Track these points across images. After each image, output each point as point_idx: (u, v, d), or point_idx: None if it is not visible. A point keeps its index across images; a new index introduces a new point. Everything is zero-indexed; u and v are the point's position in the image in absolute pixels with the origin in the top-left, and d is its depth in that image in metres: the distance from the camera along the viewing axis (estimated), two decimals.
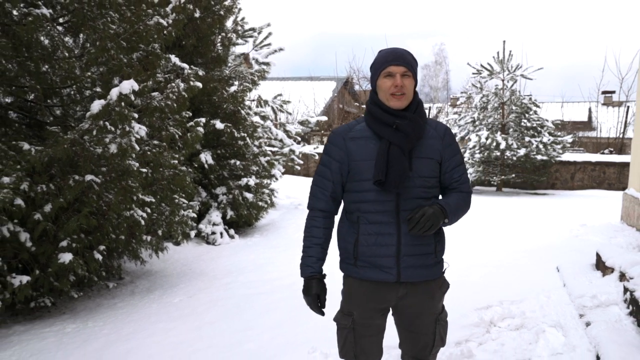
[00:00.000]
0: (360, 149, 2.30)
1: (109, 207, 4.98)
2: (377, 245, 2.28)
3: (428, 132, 2.32)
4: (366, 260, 2.31)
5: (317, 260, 2.38)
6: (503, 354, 3.78)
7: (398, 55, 2.26)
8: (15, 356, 3.90)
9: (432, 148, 2.31)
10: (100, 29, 5.08)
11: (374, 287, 2.34)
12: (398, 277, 2.28)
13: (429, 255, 2.31)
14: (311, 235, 2.40)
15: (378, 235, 2.28)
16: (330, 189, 2.38)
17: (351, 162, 2.31)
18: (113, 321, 4.68)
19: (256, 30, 11.08)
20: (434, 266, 2.35)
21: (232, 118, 8.57)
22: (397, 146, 2.23)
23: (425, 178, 2.28)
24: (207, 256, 7.25)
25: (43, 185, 4.55)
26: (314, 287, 2.35)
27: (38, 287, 4.75)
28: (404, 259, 2.27)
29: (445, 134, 2.35)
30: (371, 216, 2.29)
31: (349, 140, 2.32)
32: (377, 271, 2.30)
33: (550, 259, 6.37)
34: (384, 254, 2.28)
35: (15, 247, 4.46)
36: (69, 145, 4.51)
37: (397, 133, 2.24)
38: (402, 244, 2.26)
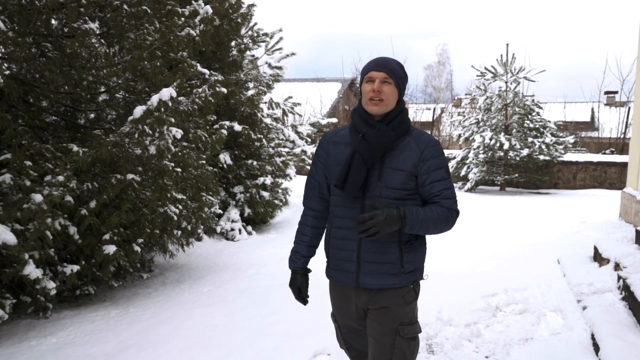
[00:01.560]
0: (337, 154, 2.37)
1: (145, 203, 5.44)
2: (342, 250, 2.36)
3: (407, 144, 2.30)
4: (334, 262, 2.41)
5: (301, 257, 2.53)
6: (508, 334, 4.22)
7: (380, 62, 2.29)
8: (72, 336, 4.36)
9: (406, 160, 2.27)
10: (136, 40, 5.53)
11: (341, 290, 2.45)
12: (357, 282, 2.33)
13: (391, 264, 2.30)
14: (301, 232, 2.55)
15: (343, 240, 2.35)
16: (317, 189, 2.48)
17: (329, 166, 2.39)
18: (151, 308, 5.13)
19: (268, 35, 11.53)
20: (399, 275, 2.32)
21: (248, 120, 9.03)
22: (360, 155, 2.26)
23: (394, 189, 2.26)
24: (227, 251, 7.70)
25: (88, 184, 5.00)
26: (297, 281, 2.54)
27: (82, 277, 5.20)
28: (364, 265, 2.31)
29: (426, 148, 2.29)
30: (338, 220, 2.37)
31: (331, 145, 2.41)
32: (340, 274, 2.39)
33: (552, 253, 6.81)
34: (346, 258, 2.35)
35: (64, 239, 4.91)
36: (112, 147, 4.97)
37: (363, 142, 2.26)
38: (363, 250, 2.30)
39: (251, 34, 9.94)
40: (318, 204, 2.50)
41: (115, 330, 4.51)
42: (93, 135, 5.25)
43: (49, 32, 5.20)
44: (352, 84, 29.87)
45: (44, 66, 4.83)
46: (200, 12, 5.90)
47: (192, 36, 5.82)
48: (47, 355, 3.98)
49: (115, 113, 6.22)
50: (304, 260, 2.54)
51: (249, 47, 9.76)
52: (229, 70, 9.42)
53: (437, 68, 43.83)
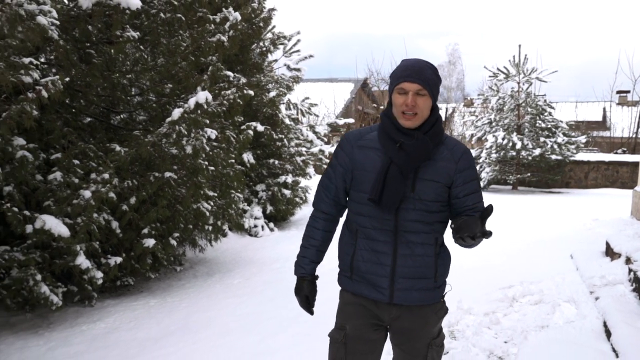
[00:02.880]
0: (365, 160, 2.20)
1: (179, 200, 5.77)
2: (372, 263, 2.20)
3: (441, 154, 2.18)
4: (361, 276, 2.24)
5: (310, 262, 2.35)
6: (525, 322, 4.50)
7: (414, 71, 2.10)
8: (118, 322, 4.70)
9: (442, 171, 2.16)
10: (169, 45, 5.87)
11: (367, 304, 2.26)
12: (391, 298, 2.19)
13: (427, 279, 2.20)
14: (310, 236, 2.37)
15: (374, 252, 2.19)
16: (332, 192, 2.32)
17: (355, 171, 2.22)
18: (187, 298, 5.46)
19: (287, 37, 11.86)
20: (432, 290, 2.22)
21: (270, 121, 9.35)
22: (397, 166, 2.12)
23: (428, 202, 2.14)
24: (252, 246, 8.03)
25: (129, 181, 5.34)
26: (304, 288, 2.35)
27: (122, 268, 5.54)
28: (399, 281, 2.17)
29: (461, 158, 2.18)
30: (368, 231, 2.21)
31: (357, 148, 2.23)
32: (370, 288, 2.22)
33: (565, 248, 7.07)
34: (378, 273, 2.19)
35: (107, 233, 5.25)
36: (150, 147, 5.30)
37: (400, 152, 2.12)
38: (398, 265, 2.17)
39: (272, 37, 10.27)
40: (331, 208, 2.34)
41: (156, 318, 4.85)
42: (132, 135, 5.59)
43: (90, 39, 5.54)
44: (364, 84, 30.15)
45: (88, 71, 5.17)
46: (230, 18, 6.22)
47: (221, 41, 6.15)
48: (99, 338, 4.32)
49: (147, 114, 6.56)
50: (312, 267, 2.36)
51: (270, 51, 10.08)
52: (251, 73, 9.74)
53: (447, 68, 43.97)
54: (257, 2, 9.29)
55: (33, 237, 4.55)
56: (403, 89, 2.10)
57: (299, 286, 2.37)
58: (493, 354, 3.91)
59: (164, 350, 4.11)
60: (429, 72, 2.12)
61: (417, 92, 2.08)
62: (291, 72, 11.45)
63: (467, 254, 6.75)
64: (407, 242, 2.16)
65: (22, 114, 3.64)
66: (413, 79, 2.08)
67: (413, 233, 2.16)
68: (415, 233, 2.16)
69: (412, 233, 2.16)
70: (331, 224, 2.37)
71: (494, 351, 3.94)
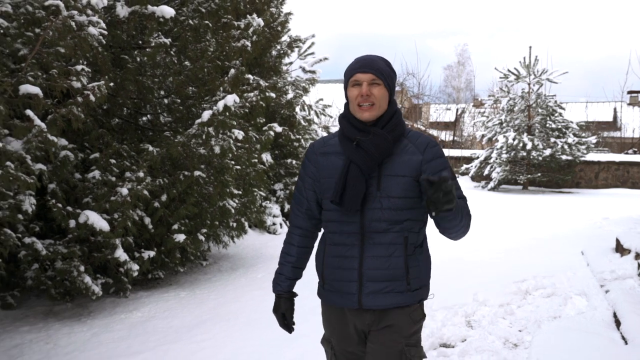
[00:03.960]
0: (328, 165, 2.15)
1: (206, 198, 6.06)
2: (340, 269, 2.13)
3: (405, 147, 2.10)
4: (331, 284, 2.17)
5: (286, 279, 2.31)
6: (538, 313, 4.75)
7: (366, 62, 2.08)
8: (153, 311, 5.00)
9: (407, 164, 2.06)
10: (195, 50, 6.16)
11: (340, 313, 2.20)
12: (359, 303, 2.10)
13: (398, 281, 2.09)
14: (286, 252, 2.32)
15: (341, 258, 2.12)
16: (305, 206, 2.26)
17: (320, 179, 2.17)
18: (215, 290, 5.75)
19: (301, 40, 12.15)
20: (405, 293, 2.10)
21: (287, 122, 9.64)
22: (356, 165, 2.05)
23: (395, 199, 2.04)
24: (271, 243, 8.31)
25: (160, 179, 5.64)
26: (281, 306, 2.31)
27: (153, 262, 5.83)
28: (367, 285, 2.09)
29: (426, 149, 2.09)
30: (335, 237, 2.14)
31: (320, 156, 2.19)
32: (339, 296, 2.14)
33: (576, 245, 7.30)
34: (345, 278, 2.11)
35: (140, 228, 5.55)
36: (180, 147, 5.60)
37: (358, 150, 2.05)
38: (365, 268, 2.08)
39: (288, 41, 10.55)
40: (306, 222, 2.28)
41: (188, 308, 5.14)
42: (162, 136, 5.89)
43: (122, 44, 5.85)
44: None
45: (122, 76, 5.48)
46: (254, 24, 6.51)
47: (245, 46, 6.43)
48: (137, 326, 4.62)
49: (172, 116, 6.86)
50: (289, 284, 2.32)
51: (287, 54, 10.37)
52: (268, 75, 10.03)
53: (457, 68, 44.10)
54: (276, 7, 9.59)
55: (74, 231, 4.86)
56: (357, 80, 2.07)
57: (276, 304, 2.32)
58: (508, 341, 4.16)
59: (199, 337, 4.40)
60: (381, 62, 2.10)
61: (372, 81, 2.06)
62: (306, 74, 11.73)
63: (481, 251, 7.04)
64: (374, 243, 2.07)
65: (71, 116, 3.93)
66: (365, 69, 2.06)
67: (380, 233, 2.06)
68: (382, 233, 2.06)
69: (379, 233, 2.06)
70: (307, 239, 2.30)
71: (509, 339, 4.19)
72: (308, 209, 2.25)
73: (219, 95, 6.59)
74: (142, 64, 5.87)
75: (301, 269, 2.34)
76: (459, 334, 4.26)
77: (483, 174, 17.38)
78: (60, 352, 4.08)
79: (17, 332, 4.40)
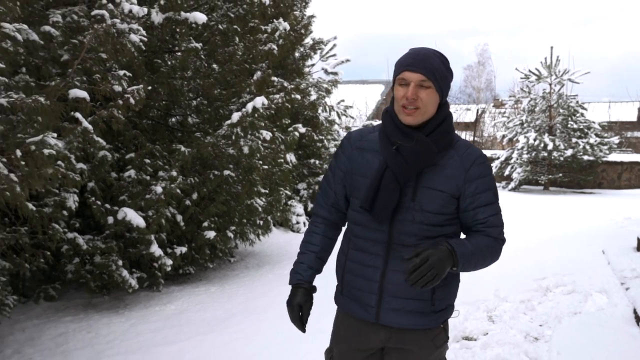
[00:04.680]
0: (362, 163, 1.97)
1: (234, 196, 6.27)
2: (361, 277, 1.97)
3: (450, 159, 1.90)
4: (350, 291, 2.02)
5: (307, 268, 2.10)
6: (559, 309, 4.88)
7: (418, 59, 1.84)
8: (185, 305, 5.23)
9: (448, 179, 1.88)
10: (224, 54, 6.39)
11: (354, 323, 2.04)
12: (377, 317, 1.95)
13: (422, 301, 1.92)
14: (308, 241, 2.13)
15: (363, 266, 1.97)
16: (331, 199, 2.08)
17: (353, 175, 1.99)
18: (244, 285, 5.97)
19: (323, 42, 12.35)
20: (428, 315, 1.94)
21: (310, 123, 9.84)
22: (392, 172, 1.88)
23: (430, 213, 1.87)
24: (295, 241, 8.50)
25: (191, 178, 5.87)
26: (298, 296, 2.06)
27: (183, 258, 6.06)
28: (388, 300, 1.93)
29: (472, 165, 1.89)
30: (359, 242, 1.98)
31: (356, 150, 2.00)
32: (357, 306, 1.99)
33: (597, 244, 7.38)
34: (365, 289, 1.96)
35: (172, 225, 5.79)
36: (211, 147, 5.82)
37: (397, 156, 1.86)
38: (387, 282, 1.92)
39: (311, 43, 10.76)
40: (332, 214, 2.11)
41: (219, 302, 5.36)
42: (193, 136, 6.12)
43: (155, 49, 6.10)
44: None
45: (156, 79, 5.72)
46: (280, 28, 6.72)
47: (272, 50, 6.64)
48: (172, 318, 4.85)
49: (200, 117, 7.09)
50: (310, 273, 2.10)
51: (310, 56, 10.57)
52: (291, 77, 10.25)
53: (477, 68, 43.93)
54: (299, 10, 9.79)
55: (111, 227, 5.11)
56: (404, 79, 1.84)
57: (292, 295, 2.09)
58: (529, 335, 4.30)
59: (231, 329, 4.61)
60: (435, 61, 1.85)
61: (420, 83, 1.82)
62: (328, 75, 11.93)
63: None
64: (401, 257, 1.88)
65: (112, 118, 4.16)
66: (415, 68, 1.82)
67: (409, 247, 1.88)
68: (411, 247, 1.87)
69: (408, 247, 1.88)
70: (332, 229, 2.13)
71: (530, 332, 4.33)
72: (335, 202, 2.08)
73: (245, 97, 6.82)
74: (173, 67, 6.11)
75: (323, 261, 2.14)
76: (481, 328, 4.41)
77: (504, 174, 17.39)
78: (101, 340, 4.32)
79: (60, 322, 4.65)
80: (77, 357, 3.98)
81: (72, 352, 4.07)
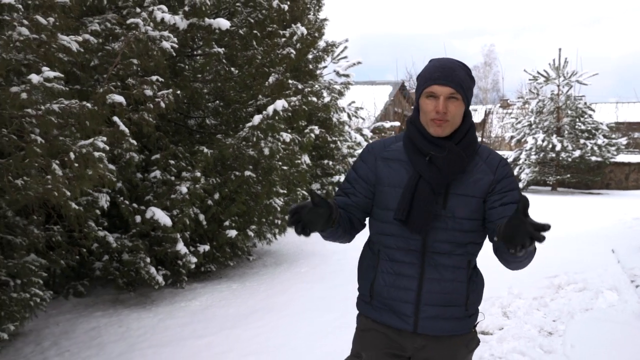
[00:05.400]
0: (390, 173, 1.97)
1: (253, 196, 6.46)
2: (395, 287, 1.97)
3: (476, 165, 1.95)
4: (382, 302, 2.01)
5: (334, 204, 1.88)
6: (570, 305, 5.04)
7: (446, 72, 1.86)
8: (209, 301, 5.42)
9: (477, 184, 1.92)
10: (245, 58, 6.58)
11: (387, 332, 2.03)
12: (415, 327, 1.96)
13: (457, 307, 1.96)
14: None
15: (397, 276, 1.97)
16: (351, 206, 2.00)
17: (378, 186, 1.99)
18: (264, 283, 6.16)
19: (335, 44, 12.53)
20: (462, 320, 1.98)
21: (323, 124, 10.02)
22: (427, 182, 1.90)
23: (461, 220, 1.91)
24: (311, 240, 8.58)
25: (213, 179, 6.06)
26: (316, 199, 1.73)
27: (205, 256, 6.26)
28: (425, 308, 1.95)
29: (498, 167, 1.95)
30: (392, 253, 1.98)
31: (381, 161, 2.00)
32: (392, 316, 1.99)
33: (606, 244, 7.54)
34: (402, 299, 1.96)
35: (195, 224, 5.98)
36: (232, 149, 6.02)
37: (430, 166, 1.89)
38: (424, 291, 1.94)
39: (324, 45, 10.94)
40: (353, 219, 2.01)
41: (241, 298, 5.55)
42: (214, 138, 6.32)
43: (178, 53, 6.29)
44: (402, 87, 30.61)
45: (179, 82, 5.92)
46: (298, 33, 6.91)
47: (290, 54, 6.83)
48: (197, 313, 5.04)
49: (218, 119, 7.29)
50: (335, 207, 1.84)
51: (323, 58, 10.77)
52: (304, 79, 10.44)
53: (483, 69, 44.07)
54: (313, 14, 9.99)
55: (138, 226, 5.31)
56: (433, 92, 1.87)
57: None
58: (543, 329, 4.47)
59: (254, 324, 4.80)
60: (462, 73, 1.90)
61: (450, 96, 1.86)
62: (340, 77, 12.12)
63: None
64: (436, 264, 1.94)
65: (143, 121, 4.36)
66: (445, 82, 1.85)
67: (443, 255, 1.93)
68: (445, 255, 1.93)
69: (442, 255, 1.93)
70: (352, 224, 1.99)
71: (544, 327, 4.50)
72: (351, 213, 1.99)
73: (261, 99, 7.02)
74: (195, 70, 6.31)
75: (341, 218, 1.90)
76: (497, 323, 4.59)
77: None
78: (132, 334, 4.51)
79: (91, 317, 4.86)
80: (112, 350, 4.17)
81: (107, 345, 4.27)
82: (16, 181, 2.92)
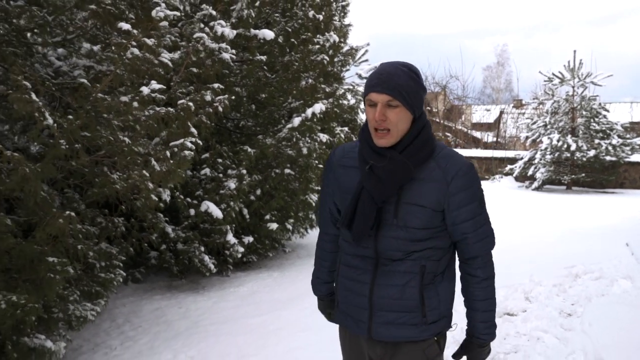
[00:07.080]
0: (346, 180, 1.97)
1: (291, 192, 6.98)
2: (351, 293, 1.99)
3: (431, 172, 1.86)
4: (344, 306, 2.04)
5: (324, 283, 2.24)
6: (588, 291, 5.50)
7: (383, 79, 1.79)
8: (255, 287, 5.95)
9: (429, 193, 1.85)
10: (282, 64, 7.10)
11: (352, 338, 2.08)
12: (369, 332, 1.96)
13: (412, 313, 1.92)
14: (320, 257, 2.25)
15: (352, 281, 1.98)
16: (328, 215, 2.15)
17: (339, 192, 2.02)
18: (302, 272, 6.66)
19: (356, 48, 13.03)
20: (419, 326, 1.93)
21: (348, 125, 10.52)
22: (367, 191, 1.87)
23: (413, 229, 1.86)
24: None
25: (256, 176, 6.58)
26: (325, 307, 2.29)
27: (247, 248, 6.78)
28: (378, 314, 1.93)
29: (454, 178, 1.85)
30: (348, 258, 2.00)
31: (340, 168, 2.01)
32: (350, 321, 2.02)
33: (621, 238, 7.96)
34: (356, 303, 1.98)
35: (239, 218, 6.51)
36: (273, 148, 6.54)
37: (371, 176, 1.85)
38: (375, 296, 1.93)
39: (348, 50, 11.45)
40: (333, 229, 2.15)
41: (283, 285, 6.07)
42: (254, 139, 6.85)
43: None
44: None
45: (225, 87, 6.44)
46: (331, 40, 7.42)
47: (323, 60, 7.34)
48: (247, 298, 5.57)
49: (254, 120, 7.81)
50: (327, 287, 2.24)
51: (349, 63, 11.27)
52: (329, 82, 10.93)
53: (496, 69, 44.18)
54: (338, 19, 10.49)
55: (191, 219, 5.84)
56: (371, 100, 1.82)
57: (319, 305, 2.33)
58: (563, 311, 4.94)
59: (300, 306, 5.30)
60: (402, 78, 1.81)
61: (387, 103, 1.79)
62: (362, 80, 12.61)
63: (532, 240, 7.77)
64: (388, 271, 1.91)
65: (201, 123, 4.88)
66: (380, 89, 1.79)
67: (395, 261, 1.91)
68: (398, 261, 1.90)
69: (394, 261, 1.91)
70: (337, 243, 2.14)
71: (564, 310, 4.97)
72: (332, 217, 2.14)
73: (293, 102, 7.53)
74: (240, 76, 6.84)
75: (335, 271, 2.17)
76: (520, 306, 5.06)
77: (527, 174, 17.88)
78: (192, 314, 5.05)
79: (153, 300, 5.40)
80: (179, 326, 4.71)
81: (173, 322, 4.81)
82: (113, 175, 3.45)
